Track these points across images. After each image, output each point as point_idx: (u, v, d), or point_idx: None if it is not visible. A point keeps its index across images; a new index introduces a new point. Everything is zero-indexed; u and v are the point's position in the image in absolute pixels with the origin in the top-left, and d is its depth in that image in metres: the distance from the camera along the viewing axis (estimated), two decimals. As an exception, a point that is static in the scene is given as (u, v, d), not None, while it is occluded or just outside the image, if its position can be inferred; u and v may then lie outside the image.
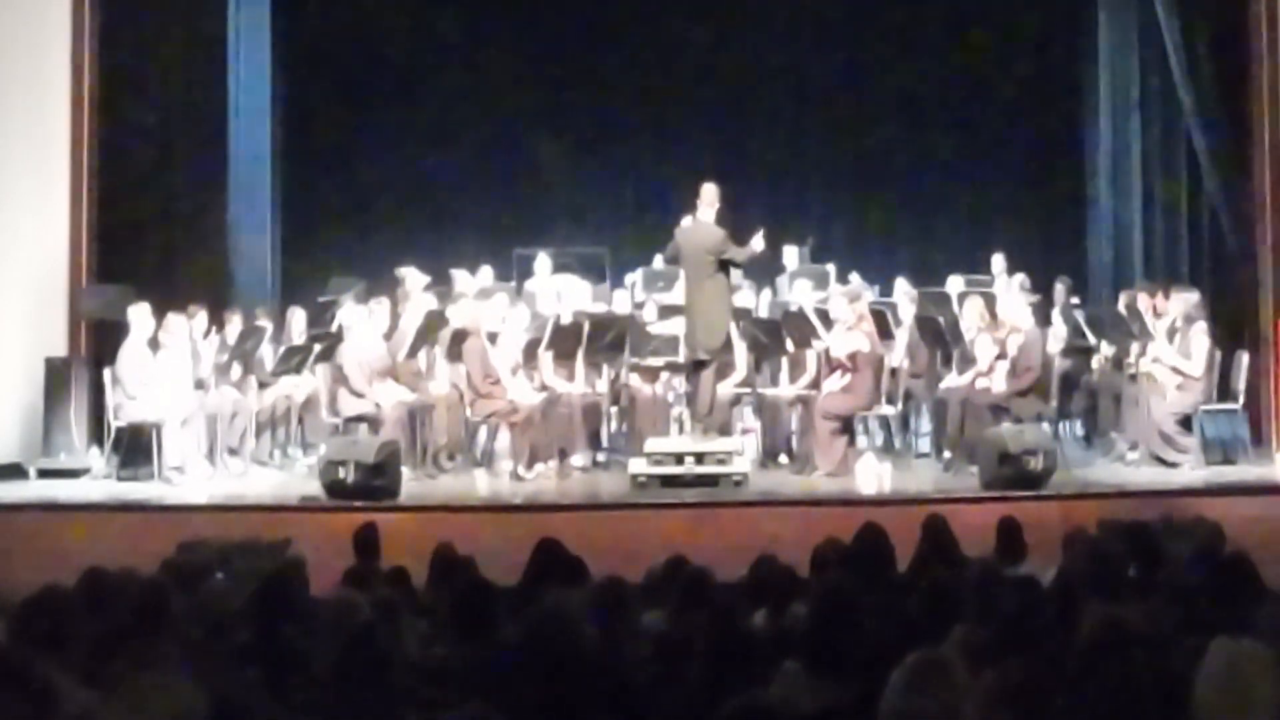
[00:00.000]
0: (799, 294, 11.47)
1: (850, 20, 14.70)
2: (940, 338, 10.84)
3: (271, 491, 10.00)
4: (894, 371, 10.82)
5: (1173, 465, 10.12)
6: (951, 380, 10.72)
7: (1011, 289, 11.74)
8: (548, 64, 14.83)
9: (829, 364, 10.46)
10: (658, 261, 12.24)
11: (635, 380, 10.96)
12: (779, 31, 14.71)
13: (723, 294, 10.17)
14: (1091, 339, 11.23)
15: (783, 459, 10.72)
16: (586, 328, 10.82)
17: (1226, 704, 3.43)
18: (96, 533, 8.63)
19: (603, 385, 11.09)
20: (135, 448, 10.25)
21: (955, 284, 12.13)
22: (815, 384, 10.57)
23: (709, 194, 10.11)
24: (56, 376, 10.83)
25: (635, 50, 14.80)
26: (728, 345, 10.45)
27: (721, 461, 9.74)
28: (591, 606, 4.83)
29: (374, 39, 14.67)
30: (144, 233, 11.73)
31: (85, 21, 11.28)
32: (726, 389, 10.69)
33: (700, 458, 9.72)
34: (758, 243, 10.17)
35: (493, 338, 10.60)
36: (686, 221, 10.24)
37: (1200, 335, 10.35)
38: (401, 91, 14.69)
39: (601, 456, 10.96)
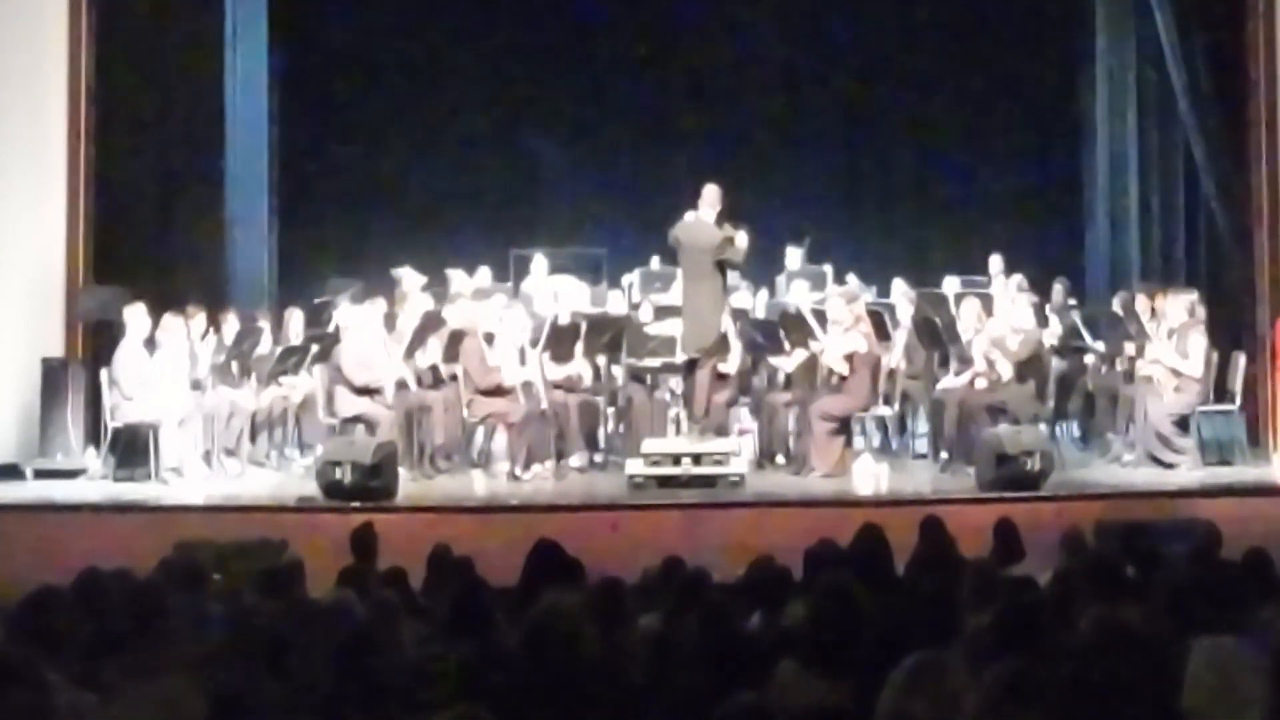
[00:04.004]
0: (796, 295, 11.47)
1: (848, 22, 14.69)
2: (937, 339, 10.84)
3: (268, 492, 9.98)
4: (891, 372, 10.82)
5: (1170, 466, 10.11)
6: (949, 381, 10.72)
7: (1009, 290, 11.74)
8: (546, 65, 14.83)
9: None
10: (655, 262, 12.26)
11: (632, 381, 10.96)
12: (777, 32, 14.71)
13: (716, 295, 10.15)
14: (1089, 340, 11.23)
15: (780, 460, 10.71)
16: (583, 328, 10.82)
17: (1215, 703, 3.43)
18: (93, 534, 8.62)
19: (600, 386, 11.09)
20: (132, 448, 10.23)
21: (952, 284, 12.14)
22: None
23: (710, 195, 10.10)
24: (53, 377, 10.81)
25: (633, 51, 14.80)
26: (724, 345, 10.44)
27: (718, 462, 9.73)
28: (588, 608, 4.83)
29: (372, 40, 14.66)
30: (141, 234, 11.73)
31: (82, 21, 11.26)
32: (723, 390, 10.68)
33: (697, 459, 9.72)
34: (741, 239, 10.13)
35: (489, 338, 10.59)
36: (689, 217, 10.22)
37: (1197, 336, 10.35)
38: (399, 92, 14.68)
39: (598, 457, 10.95)
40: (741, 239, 10.10)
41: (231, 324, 11.14)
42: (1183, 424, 10.28)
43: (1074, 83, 14.49)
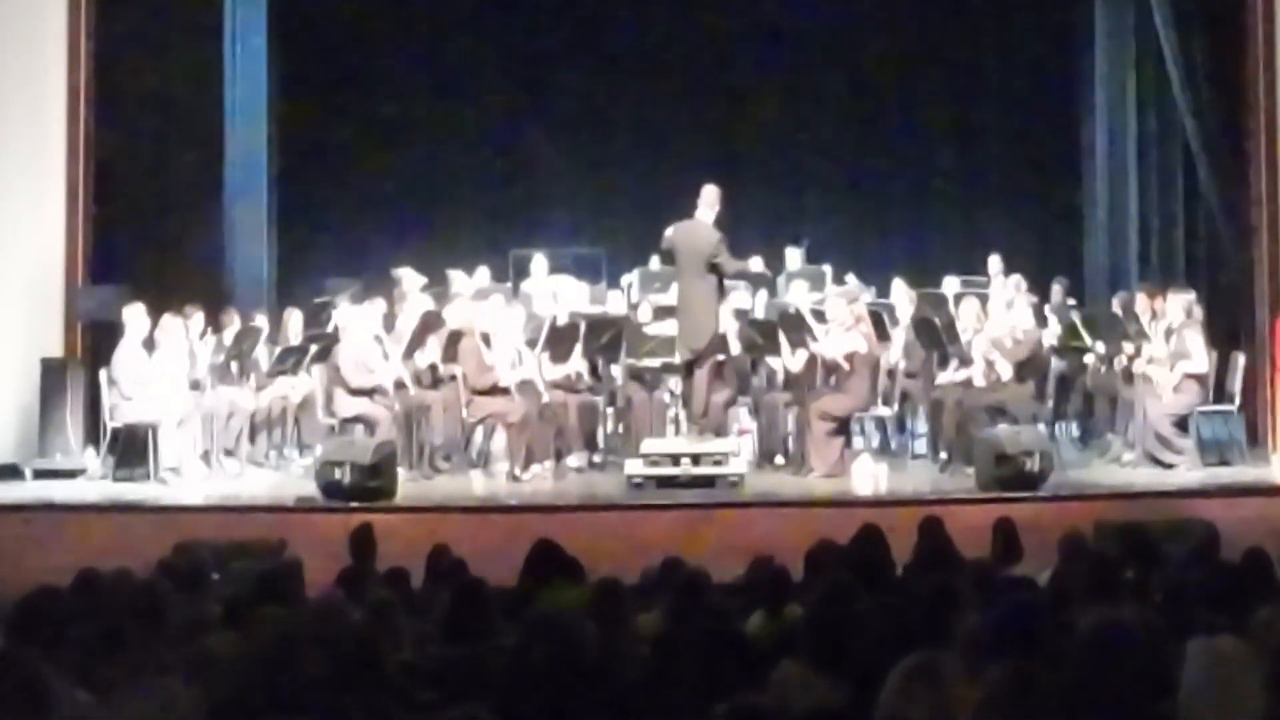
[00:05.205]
0: (796, 295, 11.47)
1: (846, 23, 14.68)
2: (936, 339, 10.84)
3: (268, 492, 9.98)
4: (891, 372, 10.82)
5: (1169, 466, 10.11)
6: (947, 375, 10.69)
7: (1008, 290, 11.75)
8: (545, 65, 14.83)
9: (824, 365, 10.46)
10: (654, 262, 12.24)
11: (631, 381, 10.96)
12: (776, 33, 14.70)
13: (712, 295, 10.14)
14: (1088, 340, 11.23)
15: (779, 460, 10.71)
16: (583, 328, 10.81)
17: (1210, 703, 3.42)
18: (92, 534, 8.63)
19: (599, 386, 11.09)
20: (131, 448, 10.23)
21: (951, 285, 12.14)
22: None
23: (709, 195, 10.10)
24: (52, 377, 10.81)
25: (632, 51, 14.78)
26: (721, 345, 10.43)
27: (718, 463, 9.73)
28: (588, 608, 4.84)
29: (370, 39, 14.65)
30: (140, 233, 11.73)
31: (81, 21, 11.26)
32: (722, 390, 10.67)
33: (696, 459, 9.72)
34: (755, 264, 10.14)
35: (487, 338, 10.59)
36: (676, 226, 10.25)
37: (1194, 335, 10.35)
38: (398, 92, 14.67)
39: (598, 457, 10.94)
40: (755, 264, 10.10)
41: (231, 324, 11.13)
42: (1182, 424, 10.28)
43: (1073, 83, 14.47)
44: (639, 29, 14.78)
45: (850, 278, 12.39)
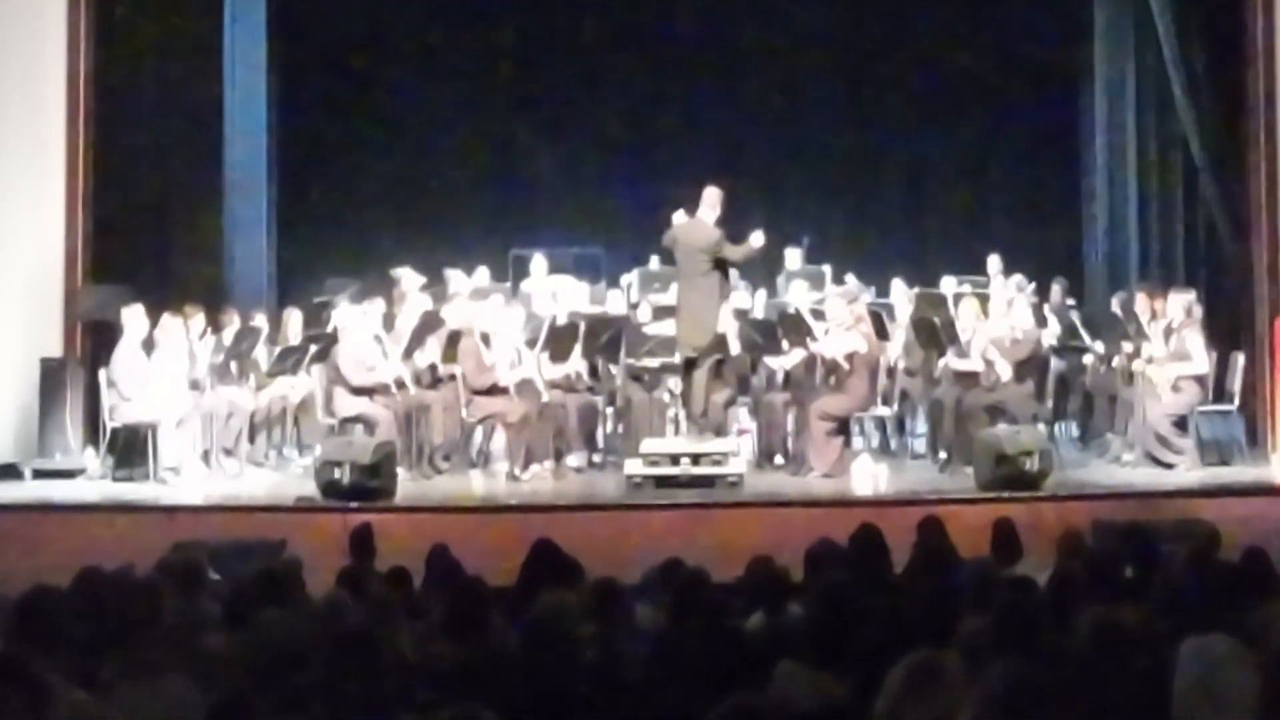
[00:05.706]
0: (795, 295, 11.48)
1: (846, 22, 14.70)
2: (936, 338, 10.83)
3: (267, 492, 9.98)
4: (890, 372, 10.82)
5: (1168, 466, 10.11)
6: (952, 363, 10.67)
7: (1008, 290, 11.75)
8: (544, 66, 14.84)
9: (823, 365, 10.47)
10: (654, 262, 12.25)
11: (631, 381, 10.96)
12: (775, 33, 14.71)
13: (714, 293, 10.14)
14: (1087, 339, 11.23)
15: (778, 460, 10.70)
16: (582, 328, 10.82)
17: (1203, 703, 3.43)
18: (91, 533, 8.62)
19: (599, 386, 11.09)
20: (130, 448, 10.23)
21: (950, 284, 12.14)
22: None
23: (711, 197, 10.10)
24: (52, 377, 10.81)
25: (632, 51, 14.79)
26: (720, 344, 10.43)
27: (717, 462, 9.73)
28: (587, 608, 4.84)
29: (370, 41, 14.66)
30: (140, 233, 11.73)
31: (81, 22, 11.26)
32: (721, 390, 10.67)
33: (696, 459, 9.71)
34: (756, 239, 10.15)
35: (486, 338, 10.59)
36: (680, 218, 10.24)
37: (1194, 335, 10.36)
38: (397, 92, 14.69)
39: (597, 457, 10.95)
40: (756, 238, 10.11)
41: (230, 324, 11.13)
42: (1181, 424, 10.28)
43: (1073, 83, 14.48)
44: (639, 30, 14.78)
45: (850, 278, 12.40)
